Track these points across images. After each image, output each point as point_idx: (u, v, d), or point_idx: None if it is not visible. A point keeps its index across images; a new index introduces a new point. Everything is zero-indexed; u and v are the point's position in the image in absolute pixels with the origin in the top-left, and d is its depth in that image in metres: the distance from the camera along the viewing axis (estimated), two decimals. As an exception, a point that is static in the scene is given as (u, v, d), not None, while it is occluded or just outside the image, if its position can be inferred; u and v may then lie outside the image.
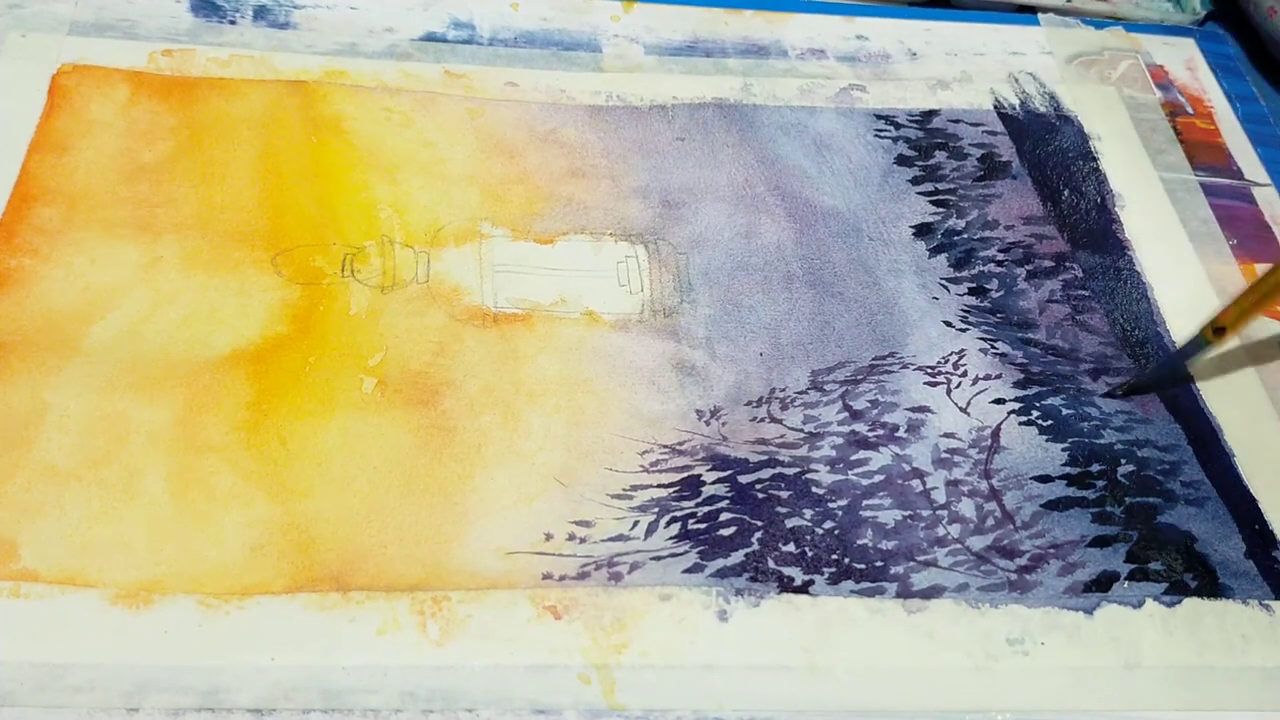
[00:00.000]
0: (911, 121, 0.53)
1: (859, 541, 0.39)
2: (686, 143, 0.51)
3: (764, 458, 0.41)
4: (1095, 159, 0.53)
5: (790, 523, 0.39)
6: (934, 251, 0.48)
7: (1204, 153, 0.55)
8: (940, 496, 0.41)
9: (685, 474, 0.40)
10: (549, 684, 0.35)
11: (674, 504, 0.39)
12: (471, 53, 0.53)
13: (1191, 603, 0.39)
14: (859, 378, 0.44)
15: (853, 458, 0.41)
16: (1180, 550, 0.40)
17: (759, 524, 0.39)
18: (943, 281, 0.47)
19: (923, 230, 0.49)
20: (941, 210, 0.50)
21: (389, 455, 0.39)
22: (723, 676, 0.36)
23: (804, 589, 0.38)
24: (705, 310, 0.45)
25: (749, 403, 0.42)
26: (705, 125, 0.52)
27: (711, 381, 0.43)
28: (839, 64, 0.56)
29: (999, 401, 0.44)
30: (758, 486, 0.40)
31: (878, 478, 0.41)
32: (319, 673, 0.34)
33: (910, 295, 0.47)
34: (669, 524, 0.39)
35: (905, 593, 0.38)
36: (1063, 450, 0.42)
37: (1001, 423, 0.43)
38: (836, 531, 0.39)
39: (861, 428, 0.42)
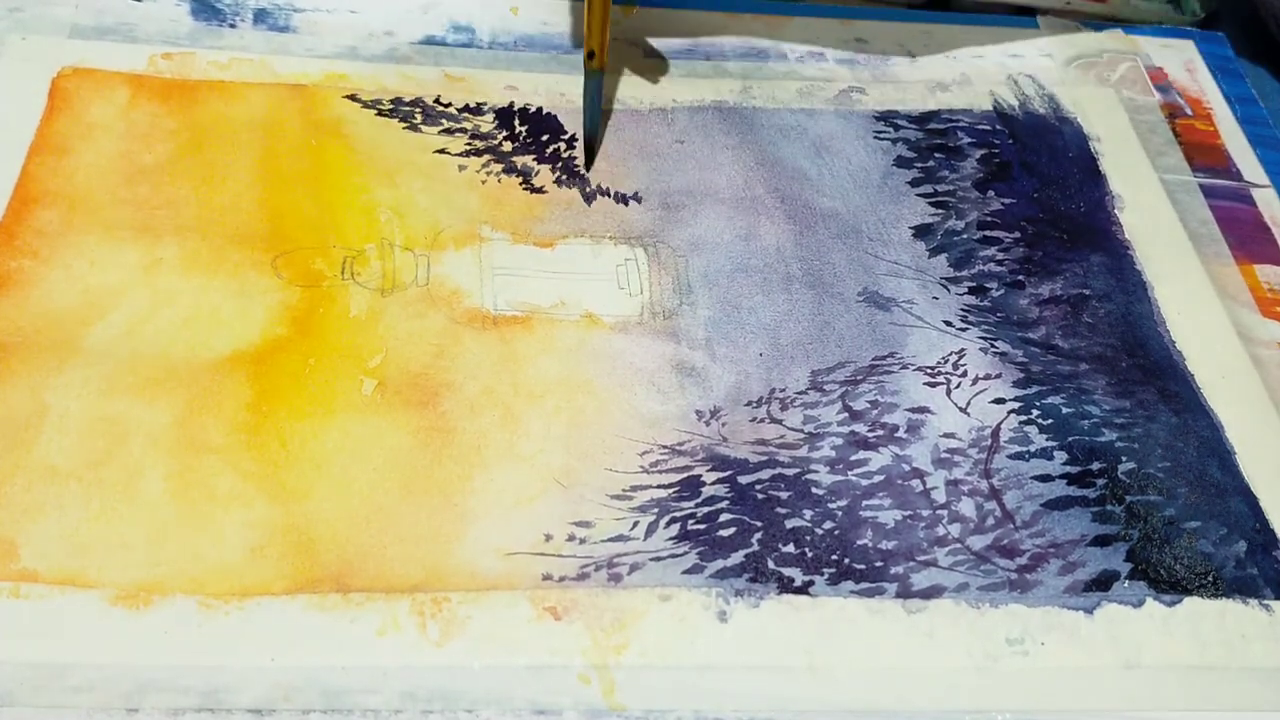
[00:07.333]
0: (911, 123, 0.53)
1: (859, 542, 0.39)
2: (686, 145, 0.51)
3: (764, 458, 0.41)
4: (1095, 160, 0.53)
5: (790, 523, 0.39)
6: (934, 252, 0.48)
7: (1203, 154, 0.55)
8: (940, 496, 0.41)
9: (685, 474, 0.40)
10: (549, 684, 0.35)
11: (674, 504, 0.39)
12: (471, 56, 0.53)
13: (1191, 602, 0.39)
14: (859, 378, 0.44)
15: (852, 458, 0.41)
16: (1181, 549, 0.40)
17: (759, 524, 0.39)
18: (942, 281, 0.47)
19: (922, 231, 0.49)
20: (941, 211, 0.50)
21: (389, 456, 0.39)
22: (723, 677, 0.36)
23: (804, 589, 0.38)
24: (705, 312, 0.45)
25: (749, 403, 0.42)
26: (705, 128, 0.52)
27: (711, 382, 0.43)
28: (838, 66, 0.56)
29: (999, 401, 0.44)
30: (757, 487, 0.40)
31: (877, 478, 0.41)
32: (319, 673, 0.34)
33: (910, 295, 0.47)
34: (669, 524, 0.39)
35: (905, 593, 0.38)
36: (1063, 449, 0.42)
37: (1001, 422, 0.43)
38: (836, 532, 0.39)
39: (861, 428, 0.42)
